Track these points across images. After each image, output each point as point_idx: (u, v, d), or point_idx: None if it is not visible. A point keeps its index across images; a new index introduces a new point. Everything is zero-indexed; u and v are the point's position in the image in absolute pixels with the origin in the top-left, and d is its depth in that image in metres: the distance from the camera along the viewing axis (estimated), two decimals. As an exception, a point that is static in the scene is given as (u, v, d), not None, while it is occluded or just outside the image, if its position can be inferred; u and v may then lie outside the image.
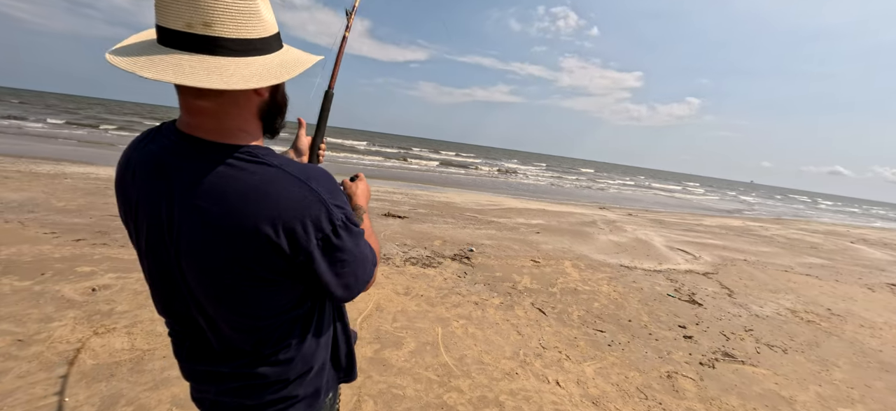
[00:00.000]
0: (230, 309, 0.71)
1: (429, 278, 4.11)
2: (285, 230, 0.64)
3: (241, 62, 0.62)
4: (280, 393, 0.79)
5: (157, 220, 0.67)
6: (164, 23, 0.60)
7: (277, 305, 0.73)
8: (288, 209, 0.64)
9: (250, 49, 0.64)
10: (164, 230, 0.67)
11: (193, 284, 0.70)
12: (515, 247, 6.02)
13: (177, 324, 0.79)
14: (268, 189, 0.64)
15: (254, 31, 0.64)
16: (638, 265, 5.84)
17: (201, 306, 0.72)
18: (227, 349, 0.76)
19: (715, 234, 10.47)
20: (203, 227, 0.64)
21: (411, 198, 10.07)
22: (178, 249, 0.67)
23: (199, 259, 0.66)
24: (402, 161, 27.86)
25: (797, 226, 16.65)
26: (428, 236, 5.91)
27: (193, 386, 0.85)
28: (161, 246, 0.69)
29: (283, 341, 0.76)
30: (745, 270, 6.38)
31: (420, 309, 3.34)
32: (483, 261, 5.02)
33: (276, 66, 0.67)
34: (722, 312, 4.24)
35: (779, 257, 8.07)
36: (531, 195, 17.44)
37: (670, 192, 34.53)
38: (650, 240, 8.07)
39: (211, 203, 0.63)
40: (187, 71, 0.58)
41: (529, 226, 8.05)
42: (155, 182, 0.67)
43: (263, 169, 0.65)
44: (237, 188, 0.63)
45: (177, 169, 0.66)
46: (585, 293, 4.29)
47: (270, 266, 0.67)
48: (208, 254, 0.65)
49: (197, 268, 0.67)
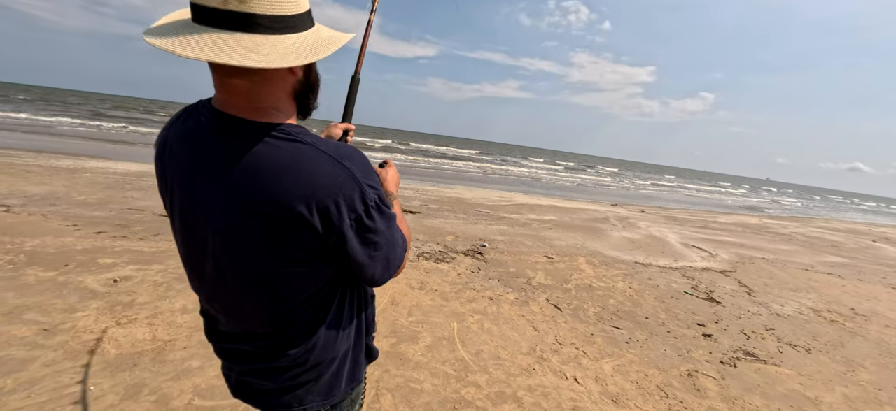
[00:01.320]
0: (259, 289, 0.70)
1: (442, 273, 4.10)
2: (318, 208, 0.63)
3: (276, 40, 0.62)
4: (300, 377, 0.78)
5: (191, 197, 0.68)
6: (200, 0, 0.59)
7: (306, 288, 0.72)
8: (322, 187, 0.63)
9: (285, 27, 0.63)
10: (198, 207, 0.67)
11: (224, 264, 0.69)
12: (528, 242, 5.97)
13: (207, 302, 0.80)
14: (302, 166, 0.63)
15: (288, 7, 0.63)
16: (653, 262, 5.74)
17: (228, 285, 0.71)
18: (250, 329, 0.76)
19: (731, 232, 10.26)
20: (237, 205, 0.64)
21: (422, 194, 10.07)
22: (212, 226, 0.67)
23: (231, 237, 0.66)
24: (411, 156, 27.88)
25: (817, 223, 16.24)
26: (440, 231, 5.90)
27: (224, 363, 0.85)
28: (195, 223, 0.69)
29: (308, 325, 0.75)
30: (764, 268, 6.24)
31: (435, 304, 3.33)
32: (496, 256, 4.99)
33: (311, 45, 0.66)
34: (741, 311, 4.14)
35: (799, 255, 7.87)
36: (542, 191, 17.30)
37: (685, 190, 33.96)
38: (665, 237, 7.93)
39: (245, 179, 0.63)
40: (224, 49, 0.57)
41: (541, 222, 7.98)
42: (191, 159, 0.67)
43: (297, 146, 0.65)
44: (271, 165, 0.63)
45: (212, 146, 0.66)
46: (601, 289, 4.24)
47: (303, 246, 0.66)
48: (241, 232, 0.65)
49: (229, 247, 0.67)
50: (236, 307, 0.75)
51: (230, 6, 0.58)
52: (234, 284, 0.71)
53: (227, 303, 0.75)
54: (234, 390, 0.84)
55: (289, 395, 0.79)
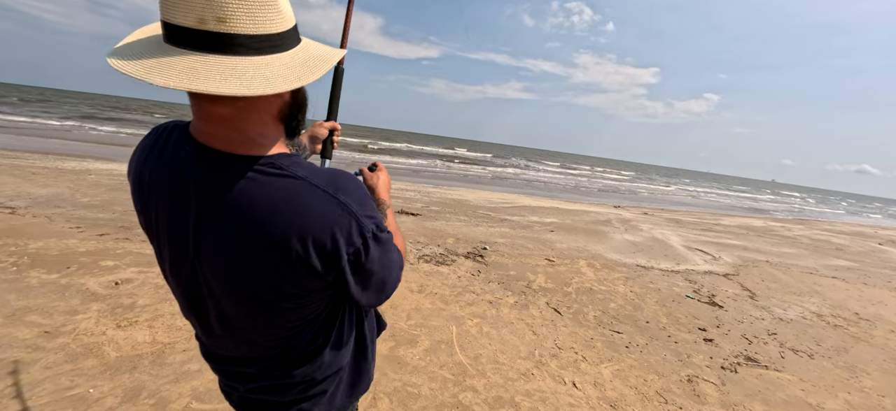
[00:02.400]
0: (259, 323, 0.69)
1: (442, 276, 4.10)
2: (315, 246, 0.60)
3: (260, 62, 0.55)
4: (307, 392, 0.79)
5: (181, 241, 0.64)
6: (172, 19, 0.52)
7: (306, 315, 0.72)
8: (317, 224, 0.60)
9: (270, 46, 0.57)
10: (190, 250, 0.64)
11: (224, 303, 0.67)
12: (529, 245, 5.96)
13: (202, 328, 0.77)
14: (295, 203, 0.59)
15: (272, 25, 0.56)
16: (655, 265, 5.72)
17: (230, 321, 0.70)
18: (254, 353, 0.75)
19: (735, 234, 10.20)
20: (230, 248, 0.61)
21: (424, 196, 10.08)
22: (205, 271, 0.64)
23: (227, 279, 0.64)
24: (414, 158, 27.92)
25: (821, 226, 16.11)
26: (441, 234, 5.90)
27: (222, 380, 0.84)
28: (187, 265, 0.66)
29: (311, 344, 0.75)
30: (767, 272, 6.19)
31: (434, 308, 3.33)
32: (497, 259, 4.98)
33: (299, 66, 0.59)
34: (743, 315, 4.11)
35: (803, 259, 7.81)
36: (544, 193, 17.28)
37: (688, 192, 33.79)
38: (667, 240, 7.90)
39: (238, 219, 0.59)
40: (202, 76, 0.51)
41: (543, 224, 7.97)
42: (176, 200, 0.63)
43: (288, 182, 0.60)
44: (263, 203, 0.59)
45: (198, 185, 0.61)
46: (601, 293, 4.22)
47: (302, 284, 0.64)
48: (237, 274, 0.63)
49: (229, 287, 0.65)
50: (238, 337, 0.73)
51: (208, 26, 0.52)
52: (235, 320, 0.70)
53: (229, 335, 0.73)
54: (239, 406, 0.84)
55: (295, 408, 0.80)
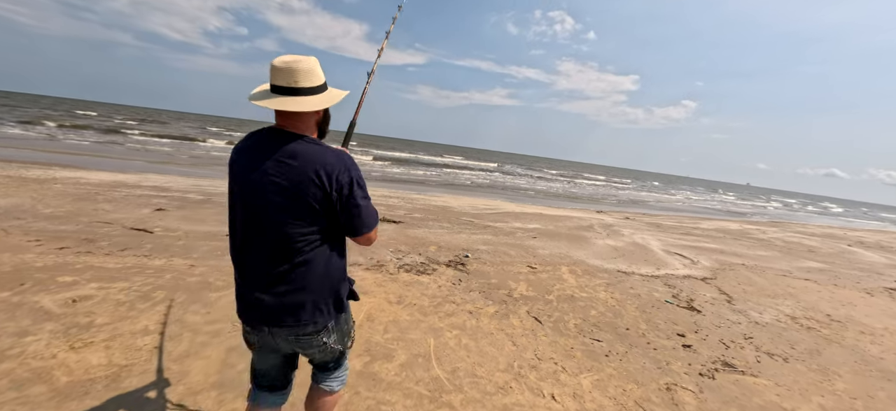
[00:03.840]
0: (287, 224, 1.17)
1: (423, 286, 4.02)
2: (326, 174, 1.17)
3: (310, 99, 1.22)
4: (316, 293, 1.26)
5: (255, 175, 1.18)
6: (276, 82, 1.20)
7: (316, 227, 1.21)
8: (330, 163, 1.18)
9: (314, 91, 1.23)
10: (256, 179, 1.18)
11: (276, 207, 1.17)
12: (512, 252, 5.94)
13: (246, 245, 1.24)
14: (320, 152, 1.20)
15: (315, 82, 1.23)
16: (635, 270, 5.77)
17: (266, 227, 1.19)
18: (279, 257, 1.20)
19: (713, 238, 10.43)
20: (288, 170, 1.16)
21: (407, 203, 9.99)
22: (262, 188, 1.17)
23: (282, 192, 1.16)
24: (400, 164, 27.79)
25: (794, 228, 16.66)
26: (423, 242, 5.83)
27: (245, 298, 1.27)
28: (258, 185, 1.18)
29: (318, 254, 1.24)
30: (743, 275, 6.32)
31: (412, 319, 3.25)
32: (479, 267, 4.93)
33: (325, 99, 1.26)
34: (721, 319, 4.16)
35: (777, 261, 8.02)
36: (528, 198, 17.39)
37: (669, 196, 34.57)
38: (647, 245, 8.01)
39: (291, 159, 1.17)
40: (286, 103, 1.19)
41: (526, 230, 7.98)
42: (259, 152, 1.20)
43: (319, 145, 1.22)
44: (304, 153, 1.18)
45: (270, 145, 1.20)
46: (582, 300, 4.22)
47: (313, 195, 1.17)
48: (285, 189, 1.16)
49: (279, 191, 1.16)
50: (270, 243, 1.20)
51: (290, 85, 1.20)
52: (271, 225, 1.19)
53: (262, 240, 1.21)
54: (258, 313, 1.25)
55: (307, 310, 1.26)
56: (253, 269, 1.23)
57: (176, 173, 11.04)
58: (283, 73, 1.18)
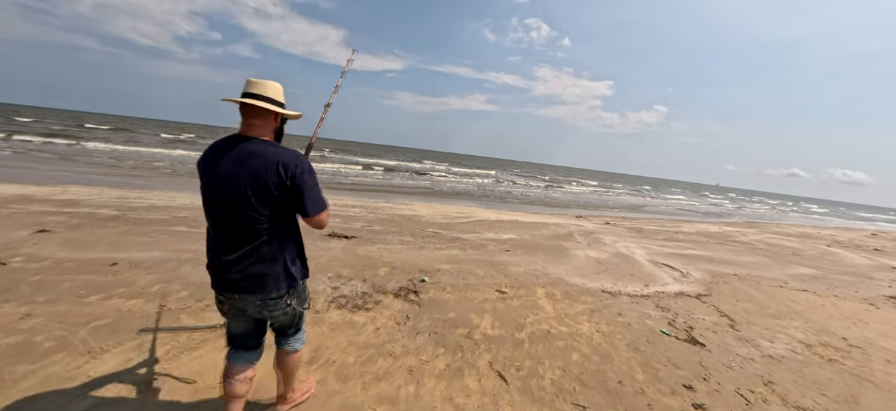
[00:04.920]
0: (253, 209, 1.48)
1: (355, 329, 3.06)
2: (283, 166, 1.49)
3: (267, 104, 1.54)
4: (278, 265, 1.57)
5: (222, 171, 1.48)
6: (248, 90, 1.54)
7: (276, 210, 1.53)
8: (286, 158, 1.50)
9: (274, 102, 1.57)
10: (226, 174, 1.47)
11: (242, 195, 1.46)
12: (479, 271, 5.04)
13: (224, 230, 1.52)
14: (278, 150, 1.51)
15: (277, 98, 1.58)
16: (622, 289, 4.97)
17: (236, 211, 1.48)
18: (246, 236, 1.50)
19: (697, 243, 9.87)
20: (244, 169, 1.46)
21: (370, 212, 8.99)
22: (231, 182, 1.46)
23: (247, 182, 1.46)
24: (372, 169, 26.65)
25: (770, 229, 16.53)
26: (372, 263, 4.86)
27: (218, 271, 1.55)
28: (224, 183, 1.47)
29: (278, 232, 1.56)
30: (739, 289, 5.64)
31: (324, 391, 2.28)
32: (435, 295, 4.00)
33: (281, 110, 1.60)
34: (730, 355, 3.38)
35: (767, 268, 7.45)
36: (504, 204, 16.64)
37: (644, 198, 34.71)
38: (632, 255, 7.28)
39: (254, 157, 1.47)
40: (256, 100, 1.52)
41: (499, 242, 7.11)
42: (225, 153, 1.50)
43: (276, 146, 1.54)
44: (265, 151, 1.49)
45: (235, 146, 1.50)
46: (562, 338, 3.35)
47: (274, 184, 1.48)
48: (247, 180, 1.46)
49: (240, 189, 1.46)
50: (237, 225, 1.49)
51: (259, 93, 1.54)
52: (238, 211, 1.47)
53: (231, 223, 1.50)
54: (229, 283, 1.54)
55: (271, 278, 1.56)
56: (225, 247, 1.51)
57: (107, 184, 9.67)
58: (254, 85, 1.54)
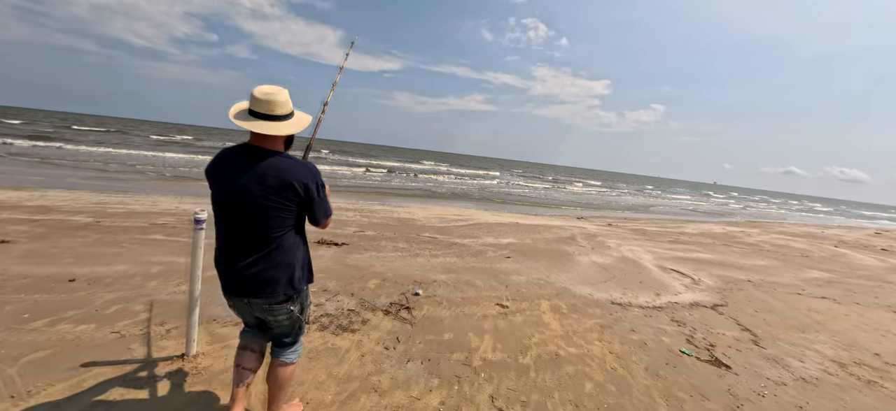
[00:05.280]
0: (268, 220, 1.52)
1: (336, 356, 2.68)
2: (301, 182, 1.54)
3: (282, 123, 1.56)
4: (287, 270, 1.60)
5: (234, 183, 1.49)
6: (255, 108, 1.53)
7: (288, 221, 1.57)
8: (300, 175, 1.54)
9: (285, 117, 1.57)
10: (243, 185, 1.48)
11: (259, 206, 1.49)
12: (478, 281, 4.67)
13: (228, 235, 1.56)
14: (295, 165, 1.55)
15: (287, 111, 1.58)
16: (632, 300, 4.61)
17: (250, 222, 1.51)
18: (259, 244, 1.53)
19: (703, 245, 9.53)
20: (263, 183, 1.48)
21: (364, 216, 8.61)
22: (248, 193, 1.48)
23: (257, 196, 1.48)
24: (369, 170, 26.25)
25: (774, 229, 16.23)
26: (362, 274, 4.48)
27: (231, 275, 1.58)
28: (235, 194, 1.49)
29: (287, 240, 1.59)
30: (755, 297, 5.28)
31: (293, 440, 1.91)
32: (430, 311, 3.63)
33: (294, 124, 1.61)
34: (759, 379, 3.02)
35: (779, 273, 7.11)
36: (504, 205, 16.28)
37: (646, 197, 34.41)
38: (639, 259, 6.93)
39: (273, 170, 1.50)
40: (265, 127, 1.52)
41: (499, 248, 6.75)
42: (240, 163, 1.51)
43: (292, 159, 1.56)
44: (282, 165, 1.52)
45: (251, 158, 1.51)
46: (571, 362, 2.98)
47: (290, 199, 1.53)
48: (266, 194, 1.49)
49: (256, 200, 1.48)
50: (252, 233, 1.52)
51: (267, 112, 1.53)
52: (254, 221, 1.51)
53: (246, 231, 1.52)
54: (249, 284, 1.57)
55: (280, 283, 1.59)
56: (238, 253, 1.55)
57: (89, 188, 9.27)
58: (263, 103, 1.52)
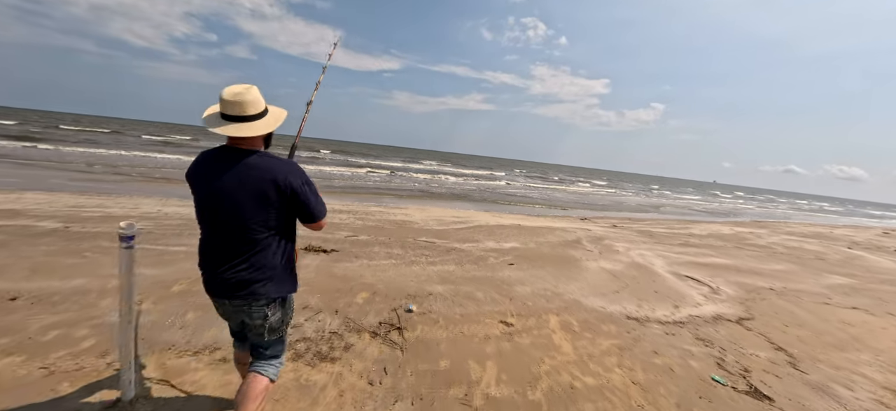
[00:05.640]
0: (250, 221, 1.48)
1: (309, 395, 2.23)
2: (281, 180, 1.48)
3: (256, 124, 1.51)
4: (269, 272, 1.57)
5: (216, 183, 1.47)
6: (226, 111, 1.49)
7: (271, 222, 1.53)
8: (283, 172, 1.49)
9: (258, 116, 1.53)
10: (223, 187, 1.46)
11: (232, 213, 1.47)
12: (479, 293, 4.23)
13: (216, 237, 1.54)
14: (275, 163, 1.50)
15: (259, 109, 1.53)
16: (650, 314, 4.16)
17: (233, 223, 1.48)
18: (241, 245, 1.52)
19: (714, 248, 9.09)
20: (242, 183, 1.46)
21: (358, 218, 8.17)
22: (229, 195, 1.46)
23: (240, 197, 1.46)
24: (366, 170, 25.79)
25: (782, 229, 15.79)
26: (350, 286, 4.04)
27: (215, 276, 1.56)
28: (216, 196, 1.47)
29: (271, 242, 1.56)
30: (781, 308, 4.84)
31: None
32: (425, 332, 3.19)
33: (269, 122, 1.56)
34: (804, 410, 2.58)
35: (800, 278, 6.67)
36: (504, 206, 15.84)
37: (648, 197, 33.95)
38: (650, 265, 6.48)
39: (253, 170, 1.47)
40: (242, 129, 1.49)
41: (501, 253, 6.30)
42: (215, 166, 1.49)
43: (271, 157, 1.52)
44: (261, 164, 1.48)
45: (229, 158, 1.49)
46: (589, 397, 2.53)
47: (273, 200, 1.49)
48: (246, 194, 1.46)
49: (240, 201, 1.46)
50: (234, 235, 1.50)
51: (238, 113, 1.48)
52: (236, 222, 1.48)
53: (228, 233, 1.51)
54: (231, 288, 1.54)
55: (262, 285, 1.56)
56: (220, 254, 1.54)
57: (71, 189, 8.82)
58: (233, 105, 1.48)
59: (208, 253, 1.56)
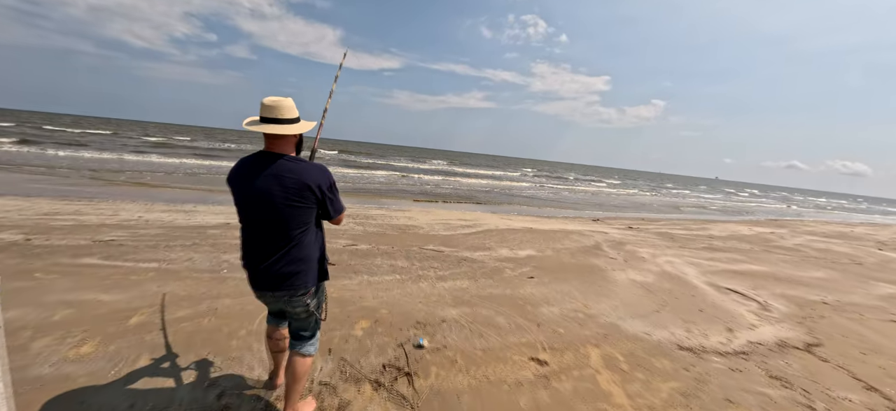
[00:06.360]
0: (289, 218, 1.67)
1: (288, 495, 1.60)
2: (316, 183, 1.69)
3: (289, 126, 1.70)
4: (306, 264, 1.77)
5: (255, 186, 1.64)
6: (265, 115, 1.68)
7: (306, 219, 1.72)
8: (314, 176, 1.69)
9: (291, 121, 1.72)
10: (263, 188, 1.63)
11: (270, 212, 1.65)
12: (500, 319, 3.58)
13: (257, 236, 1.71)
14: (309, 168, 1.70)
15: (292, 115, 1.72)
16: (704, 342, 3.51)
17: (272, 221, 1.66)
18: (281, 241, 1.69)
19: (742, 252, 8.42)
20: (280, 186, 1.63)
21: (359, 223, 7.53)
22: (268, 195, 1.63)
23: (278, 197, 1.63)
24: (367, 170, 25.15)
25: (802, 229, 15.08)
26: (347, 312, 3.39)
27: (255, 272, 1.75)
28: (255, 197, 1.64)
29: (306, 237, 1.76)
30: (848, 330, 4.18)
31: None
32: (440, 378, 2.54)
33: (301, 126, 1.75)
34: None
35: (846, 288, 6.00)
36: (512, 207, 15.17)
37: (655, 194, 33.22)
38: (683, 275, 5.82)
39: (289, 173, 1.65)
40: (275, 128, 1.68)
41: (517, 262, 5.65)
42: (257, 169, 1.66)
43: (303, 162, 1.71)
44: (297, 168, 1.67)
45: (267, 163, 1.66)
46: (665, 476, 1.89)
47: (307, 198, 1.68)
48: (282, 194, 1.63)
49: (277, 201, 1.63)
50: (272, 232, 1.68)
51: (276, 116, 1.69)
52: (274, 220, 1.66)
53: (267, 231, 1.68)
54: (271, 280, 1.73)
55: (301, 276, 1.75)
56: (261, 251, 1.71)
57: (51, 194, 8.20)
58: (271, 109, 1.68)
59: (250, 250, 1.75)
